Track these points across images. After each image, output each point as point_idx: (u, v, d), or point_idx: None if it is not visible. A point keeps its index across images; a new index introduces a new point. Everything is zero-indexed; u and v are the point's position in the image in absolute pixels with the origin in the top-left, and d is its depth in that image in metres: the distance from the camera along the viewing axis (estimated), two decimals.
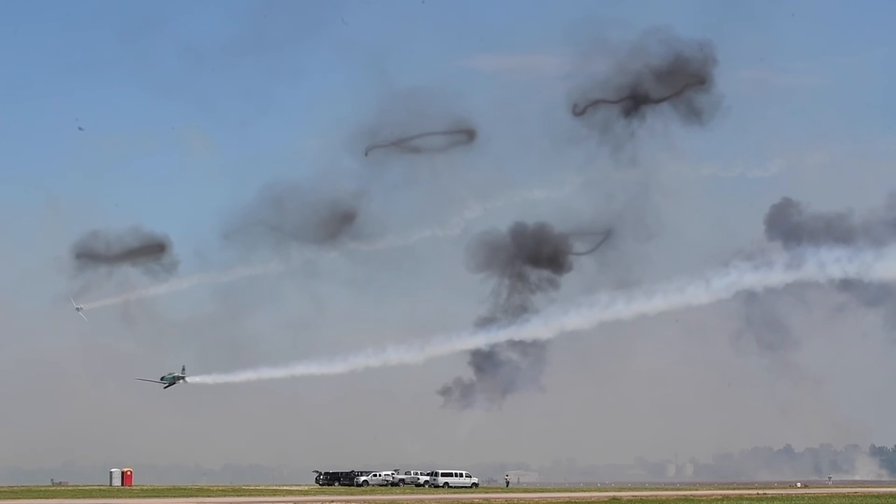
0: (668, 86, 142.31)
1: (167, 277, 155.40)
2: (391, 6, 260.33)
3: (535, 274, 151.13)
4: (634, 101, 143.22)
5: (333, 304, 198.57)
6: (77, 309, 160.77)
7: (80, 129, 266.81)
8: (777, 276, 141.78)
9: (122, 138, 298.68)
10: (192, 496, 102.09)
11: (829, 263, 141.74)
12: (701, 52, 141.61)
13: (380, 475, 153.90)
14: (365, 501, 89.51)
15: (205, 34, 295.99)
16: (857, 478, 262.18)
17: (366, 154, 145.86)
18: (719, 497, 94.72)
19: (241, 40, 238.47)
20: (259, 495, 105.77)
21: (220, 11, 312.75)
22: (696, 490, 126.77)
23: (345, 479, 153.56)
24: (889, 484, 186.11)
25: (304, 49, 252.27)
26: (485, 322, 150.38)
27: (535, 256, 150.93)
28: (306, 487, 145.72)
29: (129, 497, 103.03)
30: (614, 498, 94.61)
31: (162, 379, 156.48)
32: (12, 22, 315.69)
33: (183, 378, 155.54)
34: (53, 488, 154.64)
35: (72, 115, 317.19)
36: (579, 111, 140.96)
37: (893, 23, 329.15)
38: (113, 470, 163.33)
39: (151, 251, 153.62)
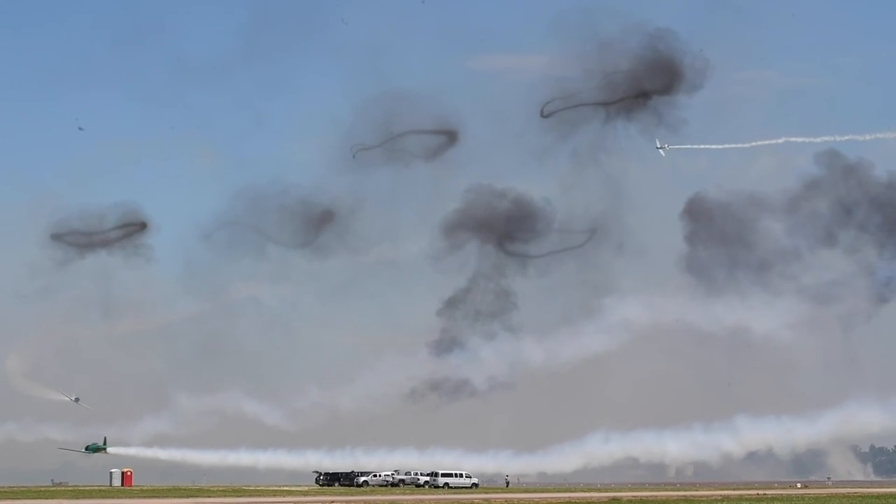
0: (659, 87, 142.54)
1: (144, 265, 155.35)
2: (390, 6, 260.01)
3: (511, 265, 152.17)
4: (627, 103, 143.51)
5: (313, 308, 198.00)
6: (75, 399, 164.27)
7: (80, 129, 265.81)
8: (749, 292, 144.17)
9: (116, 143, 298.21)
10: (191, 496, 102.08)
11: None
12: (693, 54, 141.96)
13: (380, 475, 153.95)
14: (365, 502, 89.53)
15: (201, 42, 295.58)
16: (858, 478, 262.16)
17: (353, 157, 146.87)
18: (719, 497, 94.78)
19: (238, 46, 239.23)
20: (259, 495, 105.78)
21: (215, 18, 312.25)
22: (696, 490, 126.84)
23: (345, 480, 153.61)
24: (889, 484, 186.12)
25: (300, 53, 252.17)
26: (460, 326, 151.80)
27: (512, 243, 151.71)
28: (306, 488, 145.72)
29: (129, 497, 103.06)
30: (614, 498, 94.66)
31: (86, 448, 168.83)
32: (12, 24, 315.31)
33: (104, 449, 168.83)
34: (53, 488, 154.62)
35: (66, 121, 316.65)
36: (546, 114, 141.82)
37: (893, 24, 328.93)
38: (113, 470, 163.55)
39: (131, 230, 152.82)
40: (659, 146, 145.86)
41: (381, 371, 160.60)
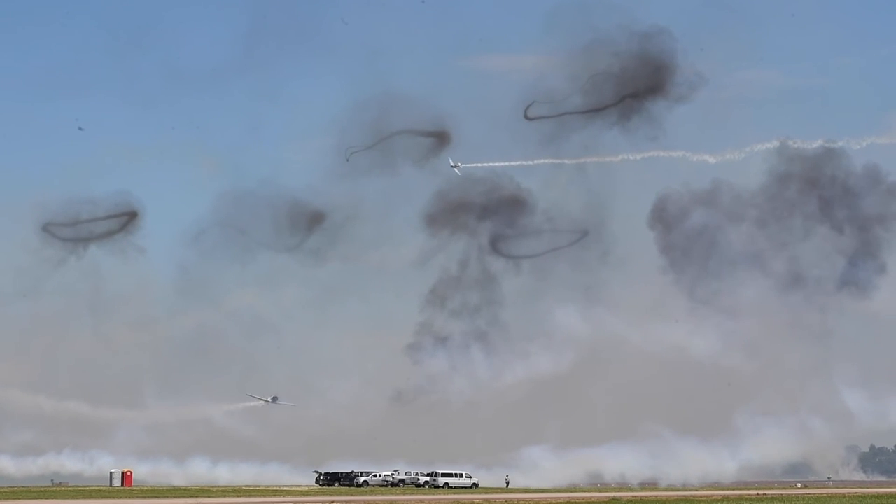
0: (653, 89, 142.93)
1: (134, 265, 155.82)
2: (390, 6, 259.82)
3: (497, 262, 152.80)
4: (627, 103, 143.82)
5: (299, 310, 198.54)
6: (273, 399, 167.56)
7: (80, 129, 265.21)
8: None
9: (112, 145, 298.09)
10: (191, 496, 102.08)
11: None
12: (689, 55, 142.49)
13: (380, 475, 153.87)
14: (365, 502, 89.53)
15: (199, 44, 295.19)
16: (853, 478, 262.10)
17: (347, 160, 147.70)
18: (719, 497, 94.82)
19: (236, 49, 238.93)
20: (259, 495, 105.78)
21: (214, 20, 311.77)
22: (697, 490, 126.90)
23: (345, 480, 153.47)
24: (889, 484, 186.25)
25: (298, 55, 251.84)
26: (442, 325, 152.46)
27: (499, 243, 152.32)
28: (306, 488, 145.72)
29: (129, 497, 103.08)
30: (614, 498, 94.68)
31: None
32: (12, 25, 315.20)
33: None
34: (53, 489, 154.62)
35: (63, 124, 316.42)
36: (532, 117, 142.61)
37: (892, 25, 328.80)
38: (113, 470, 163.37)
39: (122, 221, 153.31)
40: (453, 165, 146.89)
41: (353, 382, 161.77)
